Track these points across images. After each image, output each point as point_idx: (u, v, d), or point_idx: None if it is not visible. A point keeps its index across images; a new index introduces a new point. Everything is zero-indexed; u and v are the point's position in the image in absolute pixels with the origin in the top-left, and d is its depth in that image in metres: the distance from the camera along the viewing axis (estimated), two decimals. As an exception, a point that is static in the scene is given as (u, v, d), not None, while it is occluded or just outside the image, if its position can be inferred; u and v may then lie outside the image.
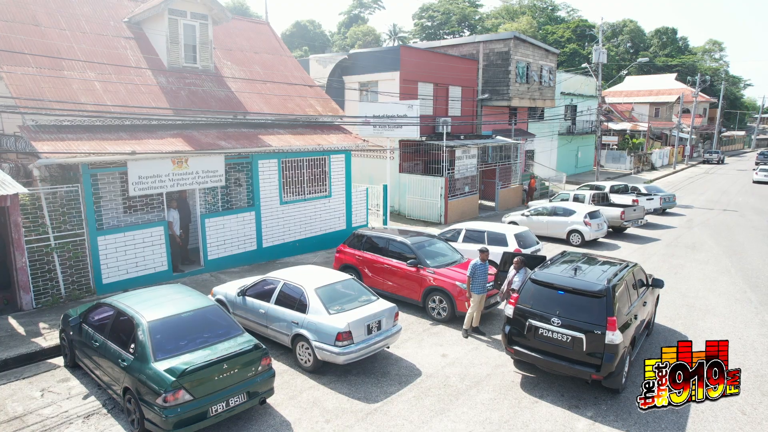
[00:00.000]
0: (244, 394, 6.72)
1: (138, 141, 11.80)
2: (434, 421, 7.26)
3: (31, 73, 11.51)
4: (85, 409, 7.17)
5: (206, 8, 14.59)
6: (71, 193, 10.83)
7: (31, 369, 8.35)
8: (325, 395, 7.82)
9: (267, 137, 14.29)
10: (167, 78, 13.86)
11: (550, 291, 8.06)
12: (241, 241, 13.88)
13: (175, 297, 7.64)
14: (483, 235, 13.79)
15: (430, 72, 22.65)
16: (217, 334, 7.09)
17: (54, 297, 10.76)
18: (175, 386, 6.08)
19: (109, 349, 7.05)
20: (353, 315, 8.22)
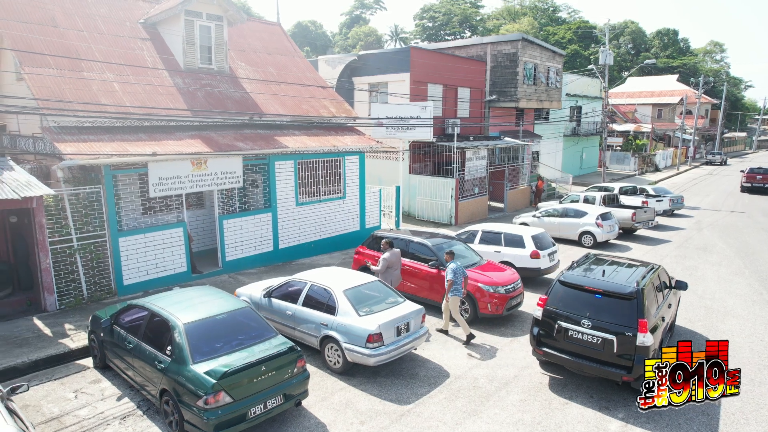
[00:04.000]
0: (281, 396, 6.75)
1: (158, 142, 11.81)
2: (467, 422, 7.29)
3: (52, 74, 11.52)
4: (120, 411, 7.18)
5: (221, 9, 14.60)
6: (93, 195, 10.84)
7: (61, 370, 8.36)
8: (357, 397, 7.84)
9: (283, 138, 14.31)
10: (183, 79, 13.87)
11: (579, 293, 8.10)
12: (258, 242, 13.90)
13: (207, 299, 7.66)
14: (500, 236, 13.82)
15: (439, 73, 22.69)
16: (251, 336, 7.11)
17: (76, 298, 10.77)
18: (216, 389, 6.09)
19: (143, 351, 7.06)
20: (383, 317, 8.25)
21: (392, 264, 10.63)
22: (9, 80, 13.80)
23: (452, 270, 9.86)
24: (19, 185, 9.19)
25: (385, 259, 10.57)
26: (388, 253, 10.67)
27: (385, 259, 10.57)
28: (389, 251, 10.71)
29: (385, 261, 10.55)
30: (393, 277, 10.67)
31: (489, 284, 10.58)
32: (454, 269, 9.88)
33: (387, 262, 10.55)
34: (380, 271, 10.52)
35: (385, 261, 10.55)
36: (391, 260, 10.61)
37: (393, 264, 10.64)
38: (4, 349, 8.63)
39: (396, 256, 10.79)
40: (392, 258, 10.63)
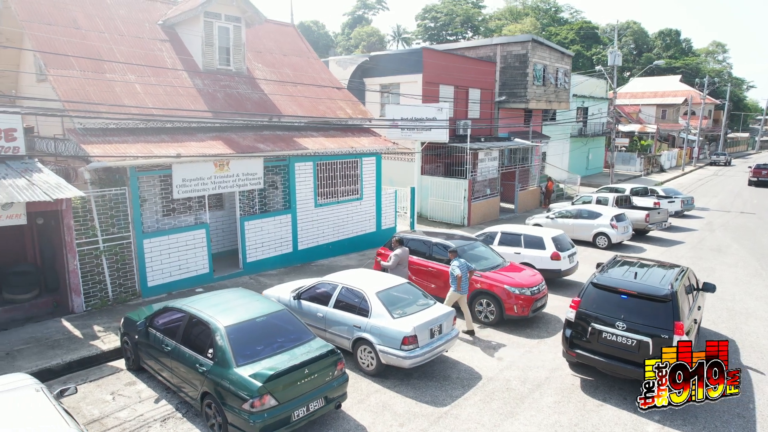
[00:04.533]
0: (323, 398, 6.76)
1: (180, 144, 11.82)
2: (505, 424, 7.32)
3: (76, 76, 11.53)
4: (160, 413, 7.19)
5: (240, 11, 14.61)
6: (119, 196, 10.85)
7: (95, 372, 8.37)
8: (393, 399, 7.86)
9: (302, 140, 14.32)
10: (203, 80, 13.88)
11: (613, 295, 8.12)
12: (278, 243, 13.91)
13: (243, 301, 7.67)
14: (519, 238, 13.84)
15: (450, 74, 22.71)
16: (290, 339, 7.13)
17: (102, 300, 10.78)
18: (262, 392, 6.10)
19: (183, 353, 7.07)
20: (417, 319, 8.27)
21: (402, 261, 10.94)
22: (29, 81, 13.83)
23: (457, 266, 10.12)
24: (49, 187, 9.18)
25: (396, 255, 10.87)
26: (399, 250, 10.97)
27: (396, 255, 10.86)
28: (400, 248, 11.03)
29: (397, 257, 10.85)
30: (402, 274, 10.85)
31: (515, 286, 10.61)
32: (459, 265, 10.13)
33: (398, 259, 10.85)
34: (391, 267, 10.79)
35: (396, 257, 10.84)
36: (402, 257, 10.92)
37: (403, 261, 10.96)
38: (38, 351, 8.65)
39: (405, 253, 11.06)
40: (403, 255, 10.94)
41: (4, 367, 8.09)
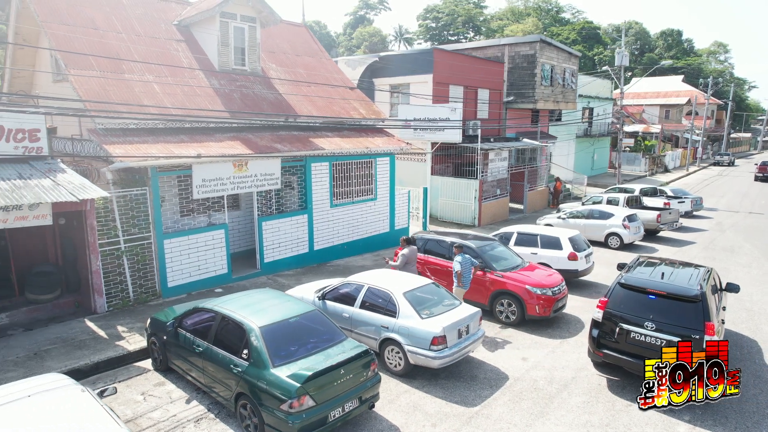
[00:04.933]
0: (357, 399, 6.76)
1: (200, 144, 11.82)
2: (537, 424, 7.33)
3: (96, 76, 11.52)
4: (192, 414, 7.19)
5: (255, 11, 14.61)
6: (140, 197, 10.85)
7: (122, 372, 8.37)
8: (423, 399, 7.87)
9: (318, 140, 14.33)
10: (219, 80, 13.88)
11: (641, 295, 8.14)
12: (294, 243, 13.92)
13: (274, 302, 7.67)
14: (536, 238, 13.85)
15: (460, 75, 22.72)
16: (322, 339, 7.13)
17: (123, 300, 10.77)
18: (300, 392, 6.10)
19: (215, 354, 7.07)
20: (445, 319, 8.27)
21: (410, 260, 10.98)
22: (45, 82, 13.83)
23: (459, 262, 10.27)
24: (74, 187, 9.18)
25: (403, 254, 10.92)
26: (406, 249, 11.01)
27: (403, 255, 10.91)
28: (407, 247, 11.05)
29: (404, 257, 10.89)
30: (410, 272, 10.86)
31: (536, 286, 10.62)
32: (461, 261, 10.27)
33: (406, 258, 10.89)
34: (399, 266, 10.82)
35: (404, 257, 10.89)
36: (409, 256, 10.96)
37: (410, 260, 11.00)
38: (65, 351, 8.64)
39: (413, 252, 11.12)
40: (410, 254, 10.98)
41: (34, 367, 8.10)
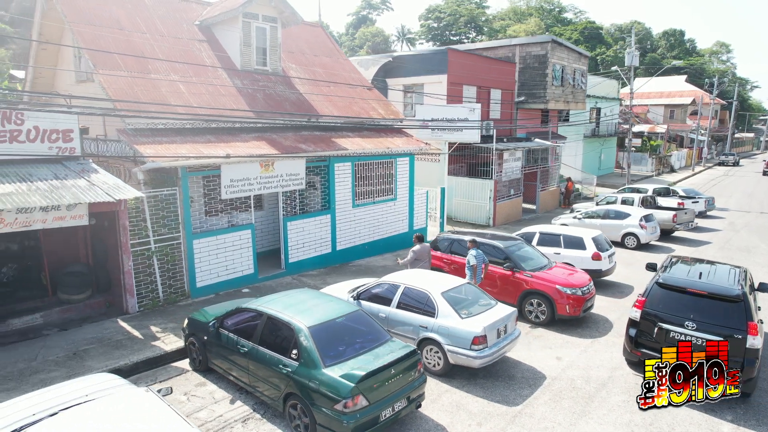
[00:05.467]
0: (405, 399, 6.78)
1: (227, 144, 11.83)
2: (580, 423, 7.35)
3: (124, 76, 11.52)
4: (238, 414, 7.20)
5: (277, 11, 14.62)
6: (170, 197, 10.85)
7: (161, 372, 8.38)
8: (464, 399, 7.89)
9: (340, 140, 14.34)
10: (242, 80, 13.88)
11: (680, 295, 8.17)
12: (318, 243, 13.93)
13: (318, 302, 7.68)
14: (558, 238, 13.87)
15: (473, 75, 22.75)
16: (368, 339, 7.15)
17: (153, 301, 10.78)
18: (354, 392, 6.12)
19: (262, 355, 7.07)
20: (485, 319, 8.30)
21: (420, 257, 11.20)
22: (68, 81, 13.83)
23: (474, 256, 10.60)
24: (109, 188, 9.19)
25: (414, 251, 11.14)
26: (417, 246, 11.20)
27: (414, 252, 11.13)
28: (419, 245, 11.25)
29: (414, 253, 11.11)
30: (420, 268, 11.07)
31: (567, 286, 10.64)
32: (475, 255, 10.60)
33: (416, 255, 11.10)
34: (408, 263, 11.05)
35: (414, 253, 11.11)
36: (420, 253, 11.16)
37: (421, 257, 11.22)
38: (103, 351, 8.65)
39: (425, 249, 11.32)
40: (421, 251, 11.19)
41: (75, 367, 8.10)
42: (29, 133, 9.27)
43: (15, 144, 9.11)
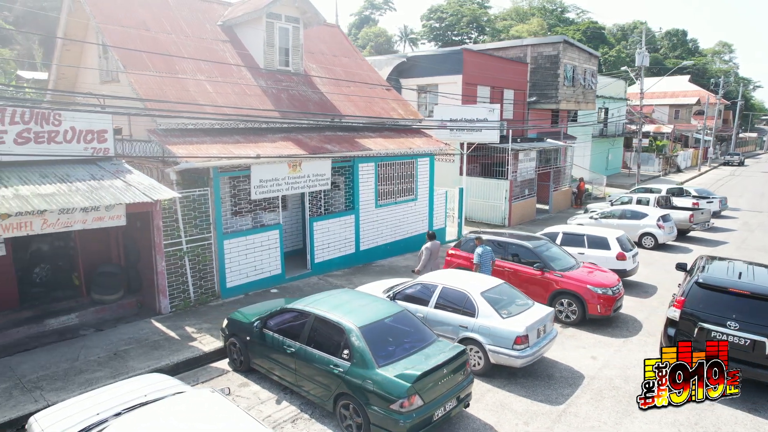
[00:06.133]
0: (455, 398, 6.80)
1: (255, 144, 11.85)
2: (626, 422, 7.38)
3: (153, 76, 11.52)
4: (286, 414, 7.22)
5: (300, 12, 14.64)
6: (202, 197, 10.86)
7: (201, 373, 8.39)
8: (507, 398, 7.91)
9: (363, 140, 14.36)
10: (266, 81, 13.89)
11: (721, 295, 8.19)
12: (342, 244, 13.95)
13: (363, 302, 7.69)
14: (582, 238, 13.90)
15: (487, 75, 22.79)
16: (416, 339, 7.17)
17: (185, 301, 10.79)
18: (410, 392, 6.14)
19: (311, 355, 7.08)
20: (526, 319, 8.32)
21: (433, 253, 11.61)
22: (92, 82, 13.82)
23: (479, 254, 10.90)
24: (145, 188, 9.20)
25: (427, 248, 11.55)
26: (429, 243, 11.62)
27: (427, 248, 11.54)
28: (431, 242, 11.65)
29: (428, 250, 11.52)
30: (432, 265, 11.59)
31: (597, 286, 10.67)
32: (480, 253, 10.90)
33: (429, 251, 11.51)
34: (424, 262, 11.45)
35: (427, 250, 11.52)
36: (432, 249, 11.57)
37: (434, 253, 11.62)
38: (143, 352, 8.66)
39: (436, 246, 11.68)
40: (433, 247, 11.58)
41: (118, 367, 8.11)
42: (66, 134, 9.28)
43: (53, 145, 9.11)
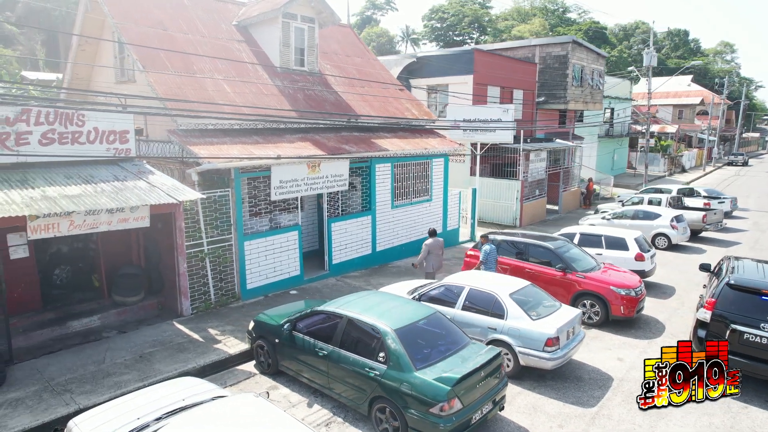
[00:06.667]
0: (491, 401, 6.74)
1: (275, 145, 11.78)
2: (660, 425, 7.33)
3: (172, 76, 11.45)
4: (319, 418, 7.15)
5: (316, 12, 14.57)
6: (222, 198, 10.79)
7: (228, 376, 8.31)
8: (539, 400, 7.85)
9: (379, 141, 14.30)
10: (282, 81, 13.82)
11: (754, 297, 8.13)
12: (359, 245, 13.88)
13: (395, 304, 7.63)
14: (600, 239, 13.84)
15: (497, 75, 22.74)
16: (450, 342, 7.11)
17: (206, 303, 10.71)
18: (450, 395, 6.08)
19: (345, 358, 7.01)
20: (556, 320, 8.26)
21: (433, 249, 11.73)
22: (107, 82, 13.74)
23: (486, 252, 11.13)
24: (169, 189, 9.13)
25: (426, 244, 11.72)
26: (430, 240, 11.74)
27: (426, 245, 11.72)
28: (432, 239, 11.77)
29: (427, 246, 11.69)
30: (434, 262, 11.78)
31: (621, 287, 10.62)
32: (488, 251, 11.13)
33: (428, 248, 11.67)
34: (423, 257, 11.67)
35: (426, 246, 11.69)
36: (432, 246, 11.71)
37: (434, 250, 11.75)
38: (168, 354, 8.58)
39: (436, 243, 11.78)
40: (433, 244, 11.73)
41: (145, 370, 8.04)
42: (89, 135, 9.20)
43: (76, 145, 9.04)
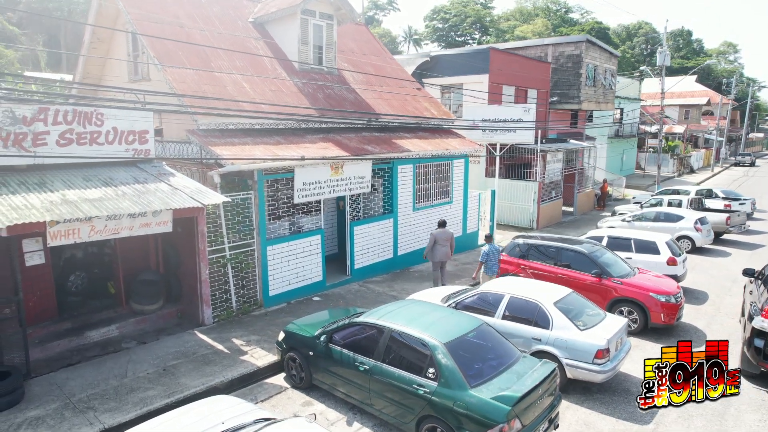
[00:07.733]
0: (548, 420, 6.30)
1: (297, 146, 11.33)
2: (723, 445, 6.88)
3: (190, 74, 11.00)
4: (362, 437, 6.70)
5: (334, 8, 14.13)
6: (245, 201, 10.33)
7: (258, 391, 7.84)
8: (589, 416, 7.41)
9: (400, 142, 13.86)
10: (301, 79, 13.37)
11: (814, 306, 7.72)
12: (381, 248, 13.43)
13: (440, 315, 7.18)
14: (629, 242, 13.38)
15: (512, 75, 22.31)
16: (501, 355, 6.67)
17: (228, 311, 10.24)
18: (510, 416, 5.63)
19: (390, 374, 6.55)
20: (604, 331, 7.82)
21: (439, 240, 11.74)
22: (119, 80, 13.27)
23: (485, 253, 11.16)
24: (192, 192, 8.68)
25: (433, 233, 11.81)
26: (438, 230, 11.90)
27: (432, 234, 11.82)
28: (440, 229, 11.91)
29: (433, 236, 11.75)
30: (440, 252, 11.73)
31: (660, 293, 10.18)
32: (487, 252, 11.15)
33: (433, 238, 11.72)
34: (429, 246, 11.72)
35: (432, 236, 11.76)
36: (438, 236, 11.75)
37: (439, 240, 11.74)
38: (193, 367, 8.11)
39: (445, 234, 11.82)
40: (437, 235, 11.77)
41: (170, 384, 7.57)
42: (108, 135, 8.74)
43: (94, 146, 8.57)
